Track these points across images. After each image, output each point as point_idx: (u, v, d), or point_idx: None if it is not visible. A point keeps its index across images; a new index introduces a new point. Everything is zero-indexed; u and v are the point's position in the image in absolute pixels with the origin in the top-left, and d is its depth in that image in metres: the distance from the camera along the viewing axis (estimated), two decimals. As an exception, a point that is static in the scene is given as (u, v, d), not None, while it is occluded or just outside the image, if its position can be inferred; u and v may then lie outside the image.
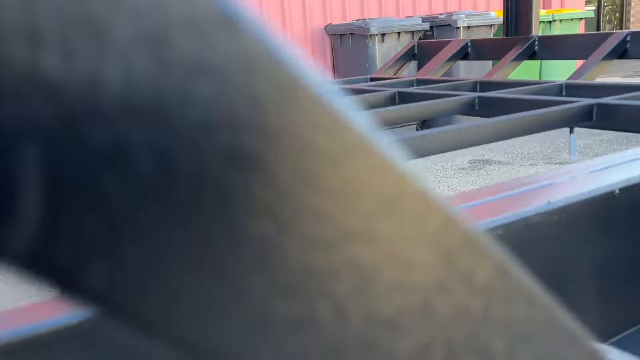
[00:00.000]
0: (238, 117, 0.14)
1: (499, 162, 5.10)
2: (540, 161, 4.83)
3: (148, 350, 0.37)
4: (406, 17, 6.42)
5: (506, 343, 0.20)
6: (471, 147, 4.67)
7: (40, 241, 0.13)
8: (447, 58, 2.50)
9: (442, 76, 2.47)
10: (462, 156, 5.45)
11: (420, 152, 1.13)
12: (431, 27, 5.87)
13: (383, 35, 5.56)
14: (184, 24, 0.13)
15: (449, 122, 1.84)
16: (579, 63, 2.12)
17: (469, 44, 2.55)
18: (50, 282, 0.13)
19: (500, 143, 5.44)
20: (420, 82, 2.20)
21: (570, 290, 0.77)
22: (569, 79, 1.92)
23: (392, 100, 1.77)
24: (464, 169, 5.18)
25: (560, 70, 5.87)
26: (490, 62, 3.62)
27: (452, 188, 4.26)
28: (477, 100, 1.63)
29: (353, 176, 0.15)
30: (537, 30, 2.43)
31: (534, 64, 6.44)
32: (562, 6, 7.61)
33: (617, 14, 14.48)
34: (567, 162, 4.47)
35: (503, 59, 2.31)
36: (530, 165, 4.70)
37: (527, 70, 6.37)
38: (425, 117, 1.98)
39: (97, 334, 0.46)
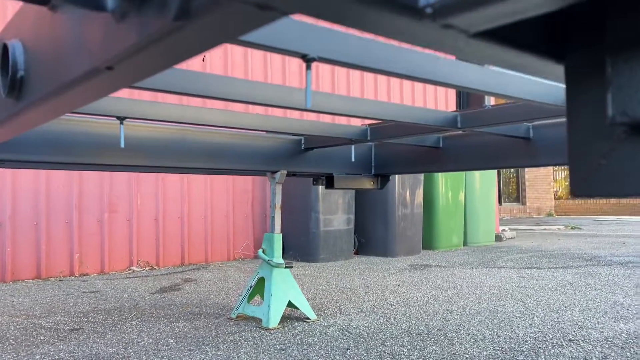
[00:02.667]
0: None
1: (439, 266, 5.15)
2: (478, 266, 4.91)
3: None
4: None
5: None
6: (409, 256, 4.78)
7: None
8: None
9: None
10: (401, 262, 5.48)
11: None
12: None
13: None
14: None
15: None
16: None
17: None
18: None
19: (444, 256, 5.53)
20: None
21: None
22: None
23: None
24: (405, 269, 5.19)
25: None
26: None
27: (400, 279, 4.21)
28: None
29: None
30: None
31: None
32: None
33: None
34: (502, 267, 4.57)
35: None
36: (469, 268, 4.76)
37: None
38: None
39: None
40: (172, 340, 2.35)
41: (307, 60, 1.01)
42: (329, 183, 2.92)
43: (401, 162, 2.94)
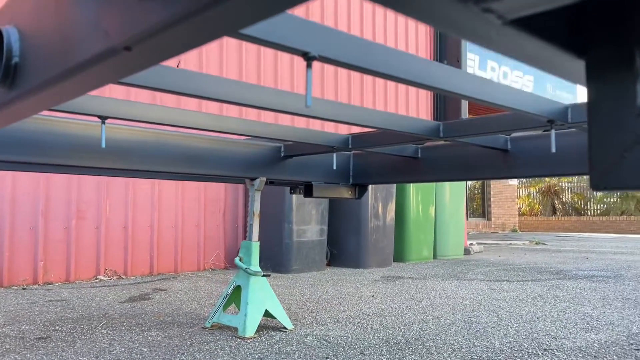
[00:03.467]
0: None
1: (411, 278, 5.17)
2: (449, 278, 4.95)
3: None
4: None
5: None
6: (380, 268, 4.82)
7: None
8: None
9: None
10: (373, 274, 5.49)
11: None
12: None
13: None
14: None
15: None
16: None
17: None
18: None
19: (415, 268, 5.55)
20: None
21: None
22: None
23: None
24: (377, 280, 5.21)
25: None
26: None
27: (373, 290, 4.21)
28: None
29: None
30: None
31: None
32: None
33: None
34: (473, 280, 4.63)
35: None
36: (440, 280, 4.80)
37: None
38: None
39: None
40: (145, 349, 2.28)
41: (308, 58, 1.00)
42: (308, 192, 2.90)
43: (379, 172, 2.95)
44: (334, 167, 2.56)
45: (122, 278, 4.70)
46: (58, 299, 3.56)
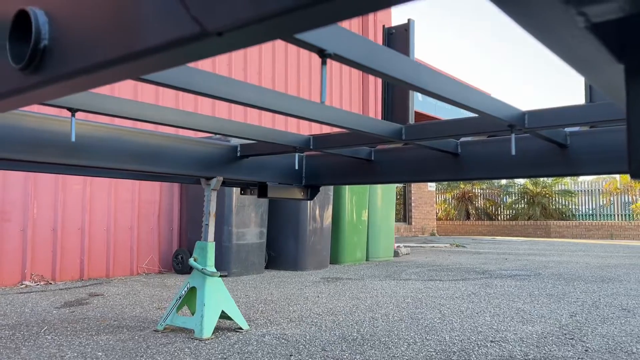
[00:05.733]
0: None
1: (350, 279, 5.27)
2: (385, 279, 5.10)
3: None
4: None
5: None
6: (318, 270, 4.84)
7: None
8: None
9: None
10: (312, 275, 5.54)
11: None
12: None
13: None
14: None
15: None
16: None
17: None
18: None
19: (351, 269, 5.64)
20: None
21: None
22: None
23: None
24: (318, 282, 5.25)
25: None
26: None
27: (317, 291, 4.25)
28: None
29: None
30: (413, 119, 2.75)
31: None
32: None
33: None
34: (408, 279, 4.81)
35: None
36: (378, 280, 4.94)
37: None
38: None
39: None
40: (100, 353, 2.19)
41: (324, 55, 1.04)
42: (262, 192, 2.91)
43: (332, 174, 3.01)
44: (296, 167, 2.59)
45: (51, 283, 4.44)
46: (-15, 306, 3.31)
